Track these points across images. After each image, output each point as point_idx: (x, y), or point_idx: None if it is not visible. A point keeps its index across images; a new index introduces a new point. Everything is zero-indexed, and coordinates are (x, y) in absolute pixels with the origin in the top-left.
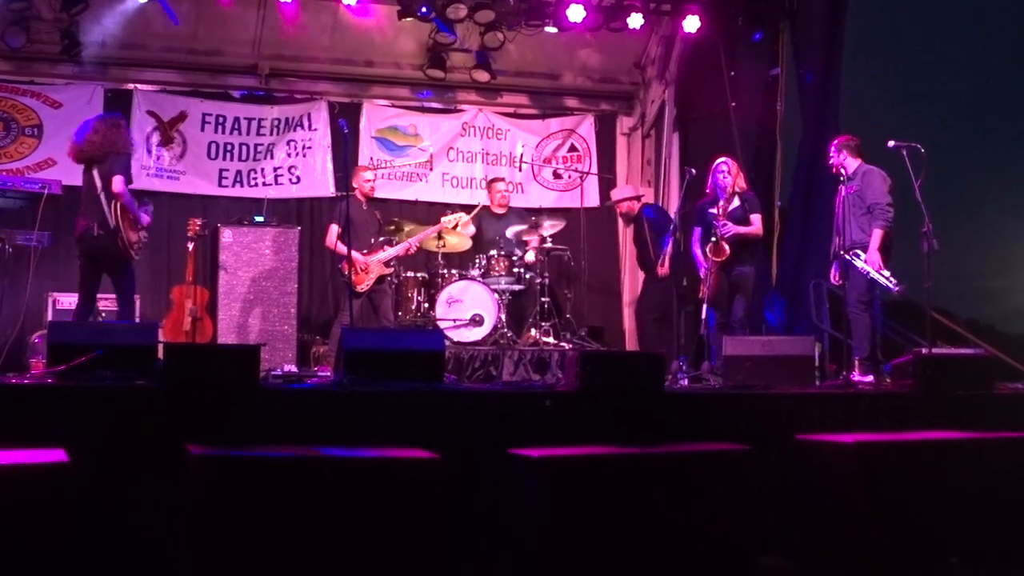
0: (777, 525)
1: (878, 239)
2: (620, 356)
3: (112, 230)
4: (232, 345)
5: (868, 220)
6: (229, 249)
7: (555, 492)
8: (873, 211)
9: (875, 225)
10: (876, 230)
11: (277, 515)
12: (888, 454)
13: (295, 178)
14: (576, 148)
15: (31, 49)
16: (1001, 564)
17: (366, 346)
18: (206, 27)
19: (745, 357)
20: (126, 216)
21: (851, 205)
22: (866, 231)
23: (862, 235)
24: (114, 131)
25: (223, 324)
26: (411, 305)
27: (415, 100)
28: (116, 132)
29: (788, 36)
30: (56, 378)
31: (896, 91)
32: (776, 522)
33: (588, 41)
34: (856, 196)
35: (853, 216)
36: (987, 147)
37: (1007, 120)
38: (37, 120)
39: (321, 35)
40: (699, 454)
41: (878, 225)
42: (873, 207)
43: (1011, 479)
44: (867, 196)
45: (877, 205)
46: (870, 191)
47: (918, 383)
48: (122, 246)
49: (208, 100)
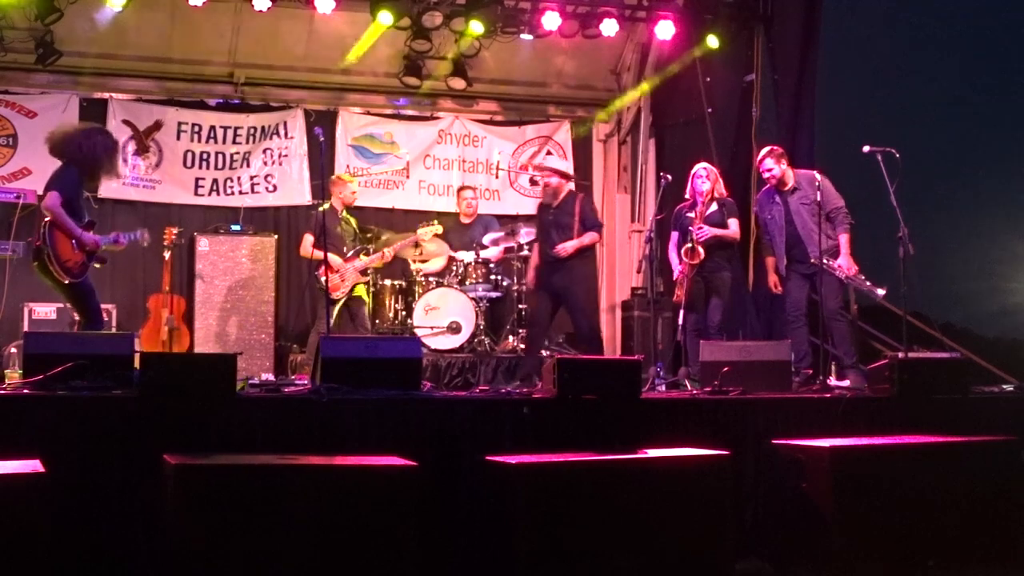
0: (754, 529)
1: (847, 243)
2: (597, 363)
3: (37, 249)
4: (209, 354)
5: (831, 226)
6: (206, 258)
7: (533, 499)
8: (835, 216)
9: (841, 230)
10: (844, 235)
11: (255, 524)
12: (863, 458)
13: (271, 186)
14: (552, 155)
15: (5, 59)
16: (977, 567)
17: (343, 354)
18: (181, 36)
19: (722, 362)
20: (56, 234)
21: (809, 216)
22: (832, 237)
23: (829, 242)
24: (80, 138)
25: (200, 333)
26: (388, 313)
27: (391, 108)
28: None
29: (763, 41)
30: (32, 388)
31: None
32: (753, 526)
33: (564, 48)
34: (813, 205)
35: (815, 225)
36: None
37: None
38: (12, 130)
39: (296, 43)
40: (677, 460)
41: (844, 229)
42: (835, 212)
43: (986, 482)
44: (826, 202)
45: (839, 209)
46: (827, 196)
47: (894, 387)
48: (53, 270)
49: (184, 109)
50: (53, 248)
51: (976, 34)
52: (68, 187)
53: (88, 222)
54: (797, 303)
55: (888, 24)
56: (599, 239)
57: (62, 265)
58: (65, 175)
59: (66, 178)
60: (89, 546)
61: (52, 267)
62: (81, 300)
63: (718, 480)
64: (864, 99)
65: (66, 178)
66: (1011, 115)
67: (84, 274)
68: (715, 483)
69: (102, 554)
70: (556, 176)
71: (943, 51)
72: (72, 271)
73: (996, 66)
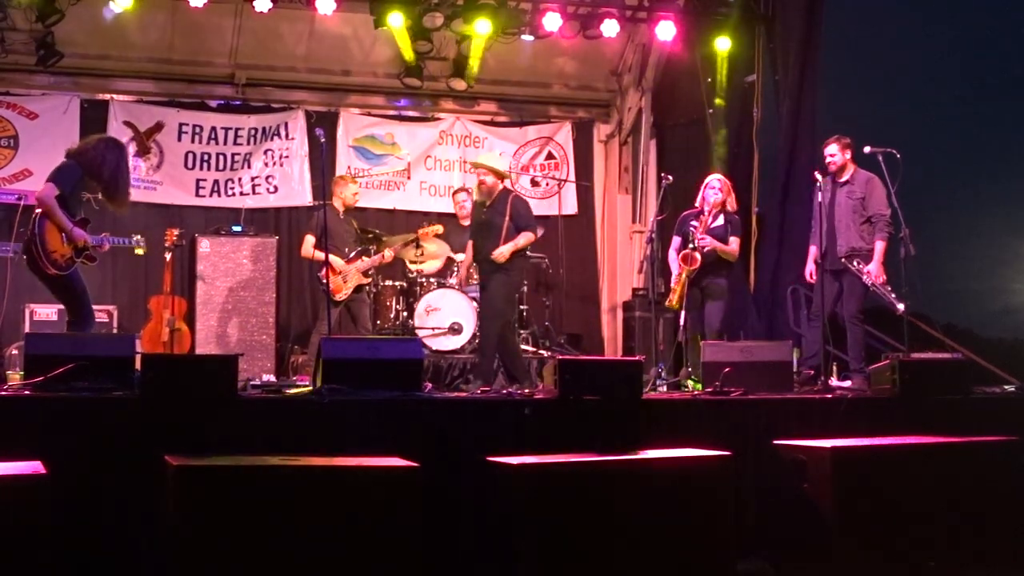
0: (755, 529)
1: (882, 252)
2: (599, 363)
3: (26, 240)
4: (210, 355)
5: (868, 228)
6: (207, 259)
7: (534, 500)
8: (876, 222)
9: (878, 237)
10: (880, 242)
11: (256, 525)
12: (864, 459)
13: (272, 187)
14: (553, 156)
15: (6, 60)
16: (978, 568)
17: (345, 355)
18: (182, 37)
19: (723, 363)
20: (47, 224)
21: (850, 211)
22: (866, 240)
23: (861, 243)
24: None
25: (201, 334)
26: (389, 314)
27: (392, 108)
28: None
29: (764, 42)
30: (34, 389)
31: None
32: (754, 527)
33: (565, 49)
34: (858, 202)
35: (853, 222)
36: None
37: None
38: (13, 131)
39: (297, 44)
40: (678, 460)
41: (881, 237)
42: (876, 218)
43: (987, 483)
44: (871, 205)
45: (881, 216)
46: (874, 201)
47: (896, 388)
48: (39, 259)
49: (185, 110)
50: (41, 238)
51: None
52: (66, 182)
53: (81, 219)
54: (823, 302)
55: (888, 24)
56: (535, 239)
57: (48, 256)
58: (65, 170)
59: (66, 173)
60: (90, 547)
61: (39, 258)
62: (67, 294)
63: (719, 481)
64: (865, 99)
65: (66, 173)
66: (1012, 115)
67: (70, 268)
68: (716, 484)
69: (103, 555)
70: (491, 175)
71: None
72: (58, 263)
73: (997, 66)
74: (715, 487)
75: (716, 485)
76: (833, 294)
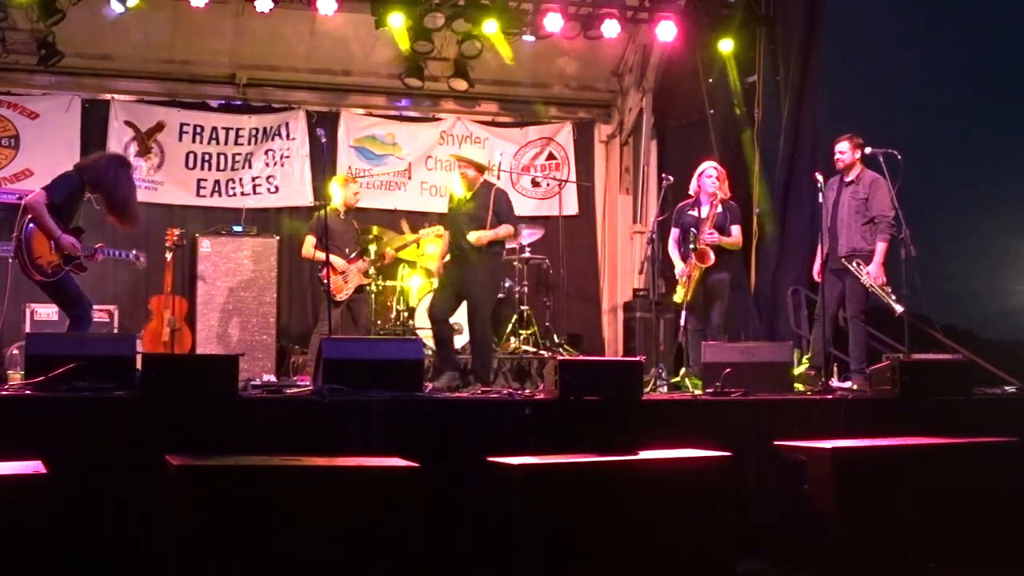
0: (756, 530)
1: (882, 253)
2: (599, 364)
3: (15, 246)
4: (211, 355)
5: (871, 229)
6: (207, 259)
7: (534, 500)
8: (879, 223)
9: (880, 238)
10: (881, 243)
11: (256, 525)
12: (865, 460)
13: (273, 187)
14: (554, 156)
15: (7, 60)
16: (979, 569)
17: (345, 356)
18: (183, 37)
19: (724, 364)
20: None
21: (853, 211)
22: (867, 240)
23: (863, 243)
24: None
25: (202, 334)
26: (390, 314)
27: (393, 109)
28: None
29: (765, 43)
30: (34, 389)
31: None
32: (755, 527)
33: (566, 49)
34: (861, 203)
35: (855, 222)
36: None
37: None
38: (14, 131)
39: (299, 44)
40: (679, 461)
41: (883, 238)
42: (880, 219)
43: (988, 483)
44: (874, 206)
45: (884, 217)
46: (878, 202)
47: (896, 389)
48: (25, 266)
49: (185, 110)
50: (28, 244)
51: (977, 34)
52: (59, 191)
53: (74, 229)
54: (826, 301)
55: (889, 25)
56: (513, 233)
57: (33, 263)
58: (63, 179)
59: (61, 182)
60: (90, 547)
61: (25, 266)
62: (59, 297)
63: (720, 481)
64: (865, 99)
65: (61, 182)
66: (1012, 115)
67: (57, 276)
68: (717, 484)
69: (103, 554)
70: (472, 168)
71: (944, 51)
72: (44, 269)
73: (997, 66)
74: (715, 488)
75: (716, 486)
76: (837, 294)
